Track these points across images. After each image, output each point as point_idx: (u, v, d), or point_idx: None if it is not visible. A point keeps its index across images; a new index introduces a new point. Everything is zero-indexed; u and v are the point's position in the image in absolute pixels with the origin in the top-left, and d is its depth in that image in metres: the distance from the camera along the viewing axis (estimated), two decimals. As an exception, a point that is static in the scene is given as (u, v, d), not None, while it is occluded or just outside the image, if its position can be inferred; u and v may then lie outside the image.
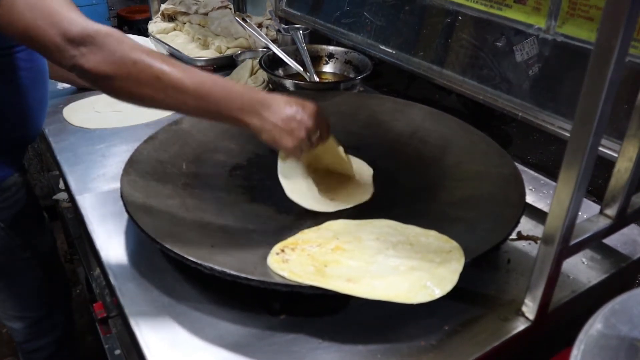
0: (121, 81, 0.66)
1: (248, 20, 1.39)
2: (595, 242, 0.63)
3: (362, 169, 0.86)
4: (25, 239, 1.11)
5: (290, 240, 0.67)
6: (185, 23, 1.59)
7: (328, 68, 1.27)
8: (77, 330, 1.42)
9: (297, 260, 0.62)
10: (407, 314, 0.62)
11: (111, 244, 0.74)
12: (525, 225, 0.78)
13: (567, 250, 0.55)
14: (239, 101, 0.69)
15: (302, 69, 1.22)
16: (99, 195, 0.85)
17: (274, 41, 1.33)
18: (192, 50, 1.45)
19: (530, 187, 0.89)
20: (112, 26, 2.11)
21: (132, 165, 0.78)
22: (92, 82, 0.67)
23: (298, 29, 1.34)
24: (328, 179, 0.82)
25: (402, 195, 0.81)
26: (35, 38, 0.66)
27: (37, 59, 0.98)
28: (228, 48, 1.43)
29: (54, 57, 0.67)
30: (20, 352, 1.30)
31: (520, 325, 0.61)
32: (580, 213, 0.53)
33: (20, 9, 0.65)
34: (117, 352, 1.20)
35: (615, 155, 0.61)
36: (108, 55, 0.65)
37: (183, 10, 1.60)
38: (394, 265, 0.61)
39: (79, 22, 0.65)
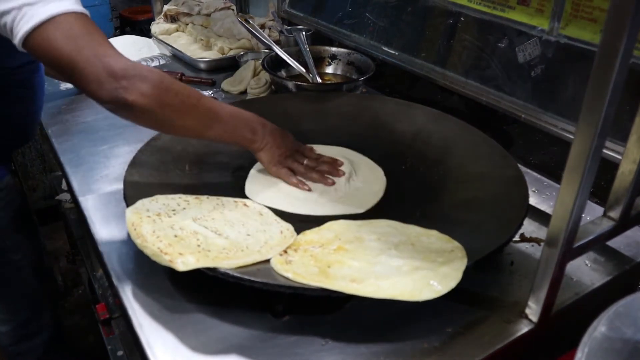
0: (162, 111, 0.69)
1: (250, 22, 1.39)
2: (598, 244, 0.63)
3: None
4: (17, 241, 1.12)
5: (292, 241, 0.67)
6: (187, 24, 1.60)
7: (331, 69, 1.27)
8: (65, 333, 1.40)
9: (300, 261, 0.62)
10: (410, 316, 0.62)
11: (114, 245, 0.74)
12: (528, 227, 0.78)
13: (570, 252, 0.55)
14: (246, 123, 0.80)
15: (304, 70, 1.22)
16: (102, 197, 0.85)
17: (277, 42, 1.33)
18: (194, 51, 1.45)
19: (533, 189, 0.89)
20: (115, 27, 2.12)
21: (135, 167, 0.78)
22: (130, 114, 0.68)
23: (300, 30, 1.34)
24: None
25: (404, 197, 0.81)
26: (74, 69, 0.65)
27: (35, 78, 1.03)
28: (230, 49, 1.43)
29: (91, 88, 0.66)
30: (7, 355, 1.29)
31: (524, 328, 0.61)
32: (583, 215, 0.53)
33: (59, 40, 0.65)
34: (120, 353, 1.20)
35: (619, 157, 0.61)
36: (150, 87, 0.66)
37: (186, 11, 1.61)
38: (397, 266, 0.61)
39: (121, 58, 0.66)
